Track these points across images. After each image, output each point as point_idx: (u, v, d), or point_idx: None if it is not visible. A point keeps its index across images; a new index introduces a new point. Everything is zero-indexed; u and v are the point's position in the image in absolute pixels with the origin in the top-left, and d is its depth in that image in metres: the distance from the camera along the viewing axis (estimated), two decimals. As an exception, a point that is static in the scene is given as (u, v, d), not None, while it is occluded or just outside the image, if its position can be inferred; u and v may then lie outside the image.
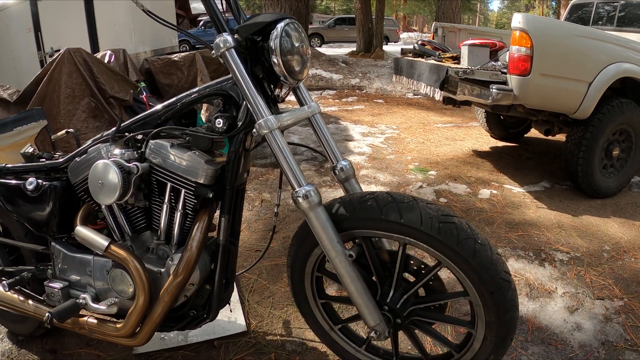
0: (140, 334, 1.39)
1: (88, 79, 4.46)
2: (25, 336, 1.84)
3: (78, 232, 1.39)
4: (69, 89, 4.49)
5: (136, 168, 1.27)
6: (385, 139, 4.79)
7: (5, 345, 1.83)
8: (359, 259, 1.32)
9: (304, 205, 1.19)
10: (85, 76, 4.45)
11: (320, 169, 3.80)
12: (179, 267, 1.28)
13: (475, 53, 3.20)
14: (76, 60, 4.41)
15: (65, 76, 4.44)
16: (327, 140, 1.41)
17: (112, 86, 4.57)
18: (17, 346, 1.81)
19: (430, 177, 3.59)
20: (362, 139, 4.77)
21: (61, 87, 4.47)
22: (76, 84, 4.51)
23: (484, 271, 1.12)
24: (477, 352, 1.24)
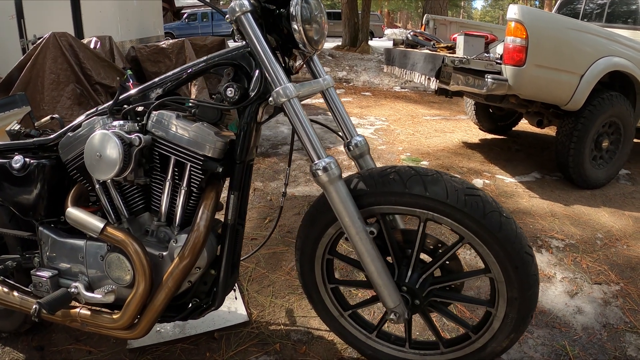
0: (140, 325, 1.29)
1: (74, 65, 4.34)
2: (9, 333, 1.70)
3: (70, 214, 1.28)
4: (54, 74, 4.36)
5: (138, 139, 1.17)
6: (375, 130, 4.79)
7: None
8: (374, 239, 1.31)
9: (323, 178, 1.14)
10: (70, 61, 4.32)
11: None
12: (185, 249, 1.20)
13: (470, 43, 3.21)
14: (62, 45, 4.28)
15: (50, 61, 4.31)
16: (342, 115, 1.38)
17: (98, 72, 4.45)
18: (1, 344, 1.68)
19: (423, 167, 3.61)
20: (353, 130, 4.75)
21: (45, 73, 4.34)
22: (61, 70, 4.38)
23: (510, 245, 1.10)
24: (496, 331, 1.22)
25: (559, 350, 1.62)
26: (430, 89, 3.58)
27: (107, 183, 1.27)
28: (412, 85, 7.30)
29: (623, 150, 3.36)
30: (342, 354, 1.54)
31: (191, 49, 4.50)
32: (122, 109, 1.26)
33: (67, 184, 1.39)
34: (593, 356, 1.60)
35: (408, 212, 1.17)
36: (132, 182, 1.24)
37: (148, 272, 1.23)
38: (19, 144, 1.42)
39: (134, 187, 1.29)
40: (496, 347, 1.24)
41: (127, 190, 1.30)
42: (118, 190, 1.28)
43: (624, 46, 3.25)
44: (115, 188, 1.28)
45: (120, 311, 1.29)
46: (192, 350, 1.60)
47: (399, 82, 7.52)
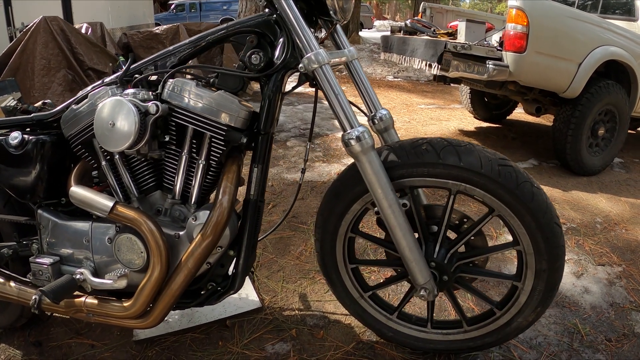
0: (153, 312, 1.21)
1: (65, 50, 4.25)
2: (3, 329, 1.59)
3: (74, 193, 1.19)
4: (45, 60, 4.28)
5: (155, 107, 1.09)
6: (372, 118, 4.80)
7: None
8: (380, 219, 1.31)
9: (356, 148, 1.11)
10: (62, 46, 4.24)
11: (311, 145, 3.76)
12: (208, 226, 1.13)
13: (472, 29, 3.23)
14: (53, 29, 4.19)
15: (40, 46, 4.22)
16: (366, 88, 1.35)
17: (91, 58, 4.37)
18: None
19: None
20: (349, 119, 4.75)
21: (36, 58, 4.25)
22: (52, 55, 4.30)
23: (541, 215, 1.11)
24: (523, 305, 1.23)
25: (571, 328, 1.65)
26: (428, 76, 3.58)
27: (115, 159, 1.20)
28: (405, 74, 7.31)
29: (618, 138, 3.42)
30: (361, 337, 1.53)
31: (186, 34, 4.45)
32: (132, 79, 1.18)
33: (68, 164, 1.32)
34: (603, 334, 1.63)
35: (439, 185, 1.16)
36: (145, 155, 1.16)
37: (164, 253, 1.15)
38: (15, 120, 1.32)
39: (144, 164, 1.22)
40: (522, 322, 1.26)
41: (137, 167, 1.22)
42: (127, 167, 1.21)
43: (620, 36, 3.31)
44: (124, 165, 1.21)
45: (131, 298, 1.21)
46: (203, 340, 1.54)
47: (391, 71, 7.53)
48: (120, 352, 1.49)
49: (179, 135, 1.16)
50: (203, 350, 1.48)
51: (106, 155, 1.22)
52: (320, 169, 3.24)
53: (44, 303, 1.27)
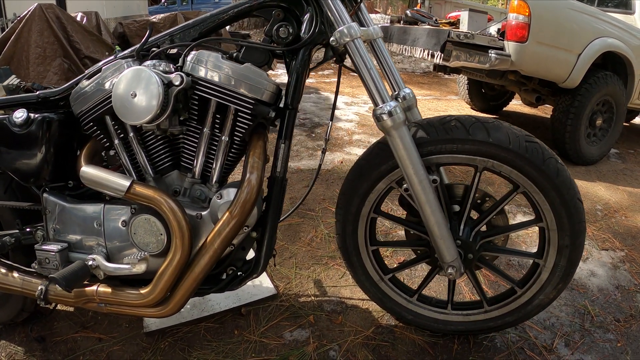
0: (173, 299, 1.16)
1: (61, 38, 4.18)
2: (3, 324, 1.52)
3: (85, 173, 1.13)
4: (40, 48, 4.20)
5: (180, 78, 1.04)
6: (370, 107, 4.81)
7: None
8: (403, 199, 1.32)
9: (387, 123, 1.10)
10: (58, 34, 4.16)
11: (310, 134, 3.76)
12: (236, 204, 1.08)
13: (474, 18, 3.25)
14: (48, 17, 4.11)
15: (35, 34, 4.14)
16: (390, 67, 1.33)
17: (87, 46, 4.30)
18: None
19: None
20: (347, 108, 4.76)
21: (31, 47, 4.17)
22: (47, 43, 4.22)
23: (566, 191, 1.14)
24: (544, 282, 1.26)
25: (581, 309, 1.69)
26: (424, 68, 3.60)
27: (130, 137, 1.15)
28: (401, 66, 7.32)
29: (615, 128, 3.48)
30: (380, 321, 1.54)
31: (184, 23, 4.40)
32: (149, 54, 1.13)
33: (74, 145, 1.26)
34: (612, 314, 1.68)
35: (466, 161, 1.18)
36: (165, 131, 1.11)
37: (187, 234, 1.09)
38: (18, 98, 1.25)
39: (160, 142, 1.17)
40: (544, 299, 1.29)
41: (152, 145, 1.17)
42: (142, 146, 1.16)
43: (617, 28, 3.36)
44: (139, 143, 1.16)
45: (149, 285, 1.15)
46: (217, 330, 1.50)
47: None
48: (130, 344, 1.44)
49: (200, 110, 1.12)
50: (219, 340, 1.45)
51: (119, 133, 1.17)
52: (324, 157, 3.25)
53: (51, 293, 1.22)
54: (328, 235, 2.11)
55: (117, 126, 1.16)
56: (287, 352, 1.40)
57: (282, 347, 1.43)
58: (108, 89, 1.11)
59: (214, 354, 1.39)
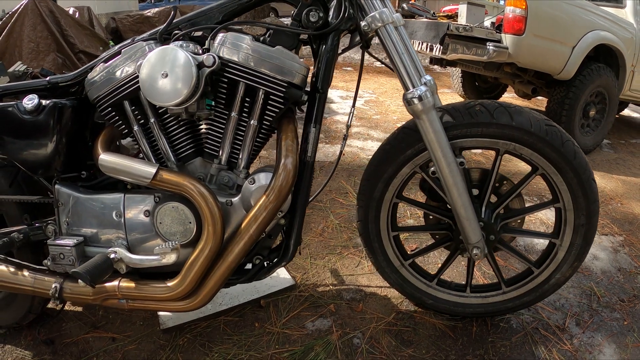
0: (202, 290, 1.12)
1: (55, 32, 4.13)
2: (8, 328, 1.45)
3: (105, 161, 1.08)
4: (33, 43, 4.14)
5: (212, 59, 1.00)
6: (366, 101, 4.85)
7: None
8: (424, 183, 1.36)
9: (418, 107, 1.13)
10: (52, 29, 4.11)
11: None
12: (272, 189, 1.05)
13: (472, 12, 3.31)
14: (41, 11, 4.06)
15: (28, 29, 4.08)
16: (410, 54, 1.38)
17: (81, 40, 4.26)
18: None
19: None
20: (342, 102, 4.79)
21: (23, 42, 4.11)
22: (41, 38, 4.16)
23: (582, 172, 1.20)
24: (561, 261, 1.32)
25: (587, 291, 1.76)
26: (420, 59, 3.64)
27: (151, 123, 1.11)
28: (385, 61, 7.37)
29: (608, 119, 3.58)
30: (400, 307, 1.57)
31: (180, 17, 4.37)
32: (170, 37, 1.09)
33: (86, 134, 1.21)
34: (616, 295, 1.75)
35: (489, 145, 1.23)
36: (192, 115, 1.07)
37: (220, 221, 1.06)
38: (26, 84, 1.18)
39: (183, 128, 1.13)
40: (560, 278, 1.34)
41: (174, 131, 1.13)
42: (163, 132, 1.12)
43: (609, 22, 3.45)
44: (160, 129, 1.12)
45: (177, 276, 1.11)
46: (237, 323, 1.48)
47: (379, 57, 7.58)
48: (146, 343, 1.40)
49: (228, 94, 1.09)
50: (239, 334, 1.44)
51: (139, 119, 1.13)
52: (325, 150, 3.27)
53: (67, 291, 1.17)
54: (339, 225, 2.15)
55: (137, 112, 1.12)
56: (311, 341, 1.41)
57: (306, 337, 1.44)
58: (129, 72, 1.07)
59: (236, 347, 1.38)
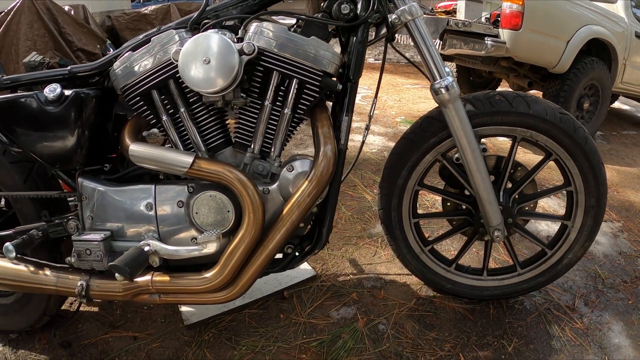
0: (240, 280, 1.11)
1: (53, 30, 4.11)
2: (19, 332, 1.41)
3: (136, 152, 1.07)
4: (30, 41, 4.12)
5: (252, 47, 1.01)
6: (362, 97, 4.90)
7: None
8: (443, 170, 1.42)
9: (445, 96, 1.19)
10: (49, 27, 4.09)
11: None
12: (313, 176, 1.07)
13: (471, 7, 3.38)
14: (38, 8, 4.04)
15: (25, 27, 4.06)
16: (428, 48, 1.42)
17: (79, 38, 4.24)
18: (11, 348, 1.36)
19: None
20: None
21: (20, 40, 4.09)
22: (38, 36, 4.14)
23: (593, 156, 1.29)
24: (572, 242, 1.40)
25: (592, 273, 1.84)
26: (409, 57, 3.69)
27: (181, 112, 1.11)
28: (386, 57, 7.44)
29: (601, 111, 3.68)
30: (419, 293, 1.62)
31: (178, 14, 4.37)
32: (199, 26, 1.10)
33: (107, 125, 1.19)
34: (620, 277, 1.83)
35: (507, 132, 1.30)
36: (228, 103, 1.07)
37: (261, 208, 1.05)
38: (43, 74, 1.14)
39: (213, 118, 1.13)
40: (572, 258, 1.42)
41: (204, 121, 1.13)
42: (193, 120, 1.12)
43: (602, 16, 3.56)
44: (191, 118, 1.11)
45: (215, 267, 1.10)
46: (262, 315, 1.49)
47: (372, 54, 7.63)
48: (169, 340, 1.39)
49: (262, 83, 1.09)
50: (265, 326, 1.45)
51: (169, 109, 1.12)
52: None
53: (94, 289, 1.15)
54: (351, 217, 2.20)
55: (167, 101, 1.12)
56: (337, 330, 1.44)
57: (332, 325, 1.47)
58: (162, 60, 1.07)
59: (263, 339, 1.40)
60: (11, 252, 1.10)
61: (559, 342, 1.43)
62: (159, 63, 1.07)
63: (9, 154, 1.20)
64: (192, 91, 1.10)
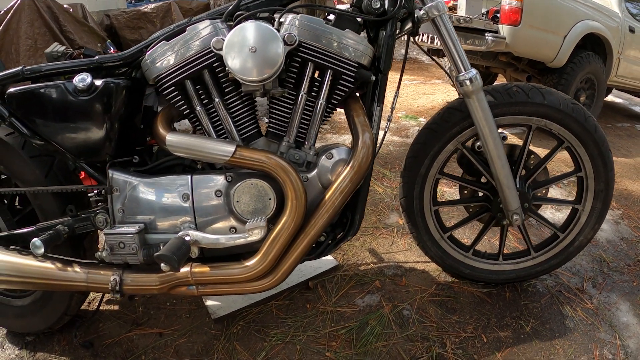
0: (281, 267, 1.12)
1: (54, 28, 4.10)
2: (37, 334, 1.38)
3: (173, 142, 1.07)
4: (30, 39, 4.11)
5: (293, 38, 1.03)
6: (362, 94, 4.98)
7: (10, 353, 1.33)
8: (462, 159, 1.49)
9: (469, 88, 1.25)
10: (50, 25, 4.09)
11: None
12: (354, 162, 1.10)
13: (471, 4, 3.46)
14: (39, 6, 4.03)
15: (25, 25, 4.05)
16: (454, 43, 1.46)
17: (80, 37, 4.25)
18: (28, 351, 1.33)
19: (423, 123, 3.86)
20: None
21: (20, 38, 4.08)
22: (39, 35, 4.13)
23: (602, 143, 1.38)
24: (583, 225, 1.49)
25: (597, 257, 1.93)
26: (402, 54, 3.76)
27: (216, 102, 1.11)
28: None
29: (597, 104, 3.79)
30: (438, 279, 1.69)
31: (179, 12, 4.39)
32: (232, 18, 1.11)
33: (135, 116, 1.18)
34: (623, 261, 1.92)
35: (523, 122, 1.38)
36: (267, 92, 1.09)
37: (304, 195, 1.05)
38: (68, 64, 1.11)
39: (246, 108, 1.15)
40: (583, 240, 1.51)
41: (238, 111, 1.14)
42: (227, 109, 1.12)
43: (597, 12, 3.66)
44: (225, 108, 1.12)
45: (256, 255, 1.10)
46: (289, 306, 1.51)
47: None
48: (197, 334, 1.39)
49: (299, 73, 1.12)
50: (293, 316, 1.47)
51: (203, 99, 1.13)
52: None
53: (128, 283, 1.14)
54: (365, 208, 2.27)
55: (202, 91, 1.13)
56: (364, 317, 1.49)
57: (358, 313, 1.51)
58: (199, 48, 1.07)
59: (292, 329, 1.42)
60: (39, 248, 1.07)
61: (572, 321, 1.51)
62: (196, 52, 1.07)
63: (28, 148, 1.17)
64: (228, 81, 1.11)
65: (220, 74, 1.10)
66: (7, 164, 1.19)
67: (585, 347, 1.40)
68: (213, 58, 1.08)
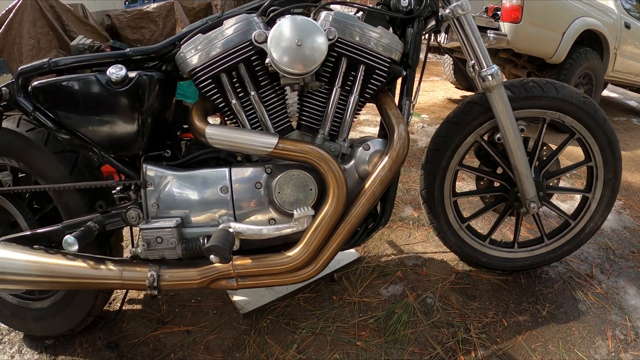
0: (321, 257, 1.12)
1: (57, 28, 4.10)
2: (58, 337, 1.34)
3: (213, 134, 1.07)
4: (33, 39, 4.11)
5: (334, 33, 1.07)
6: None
7: (29, 358, 1.30)
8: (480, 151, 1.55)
9: (491, 83, 1.32)
10: (53, 24, 4.08)
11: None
12: (392, 151, 1.14)
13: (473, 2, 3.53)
14: (41, 6, 4.02)
15: (28, 25, 4.05)
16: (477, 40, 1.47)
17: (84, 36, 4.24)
18: (49, 355, 1.30)
19: (426, 119, 3.93)
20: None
21: (23, 38, 4.07)
22: (42, 34, 4.13)
23: (611, 134, 1.47)
24: (593, 212, 1.58)
25: (603, 245, 2.01)
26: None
27: (251, 96, 1.12)
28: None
29: (595, 98, 3.88)
30: (456, 268, 1.77)
31: (182, 11, 4.40)
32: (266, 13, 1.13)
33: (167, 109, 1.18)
34: (628, 248, 2.01)
35: (538, 114, 1.46)
36: (306, 86, 1.11)
37: (345, 185, 1.07)
38: (100, 56, 1.10)
39: (280, 101, 1.18)
40: (593, 227, 1.59)
41: (272, 104, 1.16)
42: (263, 102, 1.14)
43: (594, 9, 3.75)
44: (261, 102, 1.14)
45: (298, 245, 1.11)
46: (315, 298, 1.54)
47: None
48: (226, 330, 1.40)
49: (333, 68, 1.15)
50: (321, 308, 1.51)
51: (239, 92, 1.14)
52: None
53: (165, 279, 1.11)
54: (376, 201, 2.33)
55: (238, 84, 1.14)
56: (390, 306, 1.55)
57: (384, 302, 1.56)
58: (237, 41, 1.07)
59: (321, 321, 1.45)
60: (72, 245, 1.03)
61: (584, 305, 1.58)
62: (234, 45, 1.07)
63: (51, 144, 1.15)
64: (265, 74, 1.13)
65: (258, 67, 1.12)
66: (28, 160, 1.16)
67: (599, 329, 1.47)
68: (252, 51, 1.09)
